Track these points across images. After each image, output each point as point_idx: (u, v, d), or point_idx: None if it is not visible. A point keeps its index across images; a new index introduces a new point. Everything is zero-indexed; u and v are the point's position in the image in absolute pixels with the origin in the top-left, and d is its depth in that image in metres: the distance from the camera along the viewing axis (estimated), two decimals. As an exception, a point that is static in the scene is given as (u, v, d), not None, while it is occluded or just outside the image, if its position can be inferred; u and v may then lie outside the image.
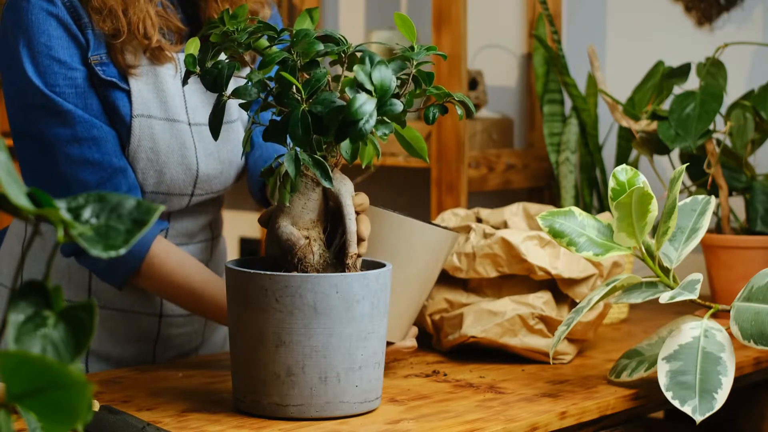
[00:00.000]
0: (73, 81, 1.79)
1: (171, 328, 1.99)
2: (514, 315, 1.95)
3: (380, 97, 1.54)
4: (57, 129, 1.78)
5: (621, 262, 2.05)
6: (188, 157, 1.86)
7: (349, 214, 1.64)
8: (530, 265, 1.98)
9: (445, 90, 1.62)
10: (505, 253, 1.99)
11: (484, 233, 2.02)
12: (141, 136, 1.82)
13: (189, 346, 2.03)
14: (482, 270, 2.00)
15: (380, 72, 1.55)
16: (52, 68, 1.78)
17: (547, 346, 1.96)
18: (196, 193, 1.90)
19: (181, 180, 1.87)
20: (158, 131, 1.84)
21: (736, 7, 2.78)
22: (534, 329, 1.96)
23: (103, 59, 1.81)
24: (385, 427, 1.60)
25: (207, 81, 1.60)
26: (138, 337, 1.96)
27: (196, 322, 2.02)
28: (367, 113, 1.52)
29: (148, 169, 1.84)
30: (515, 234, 1.99)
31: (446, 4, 2.67)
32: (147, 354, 1.98)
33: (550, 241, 1.98)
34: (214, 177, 1.91)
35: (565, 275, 1.98)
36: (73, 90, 1.79)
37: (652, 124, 2.38)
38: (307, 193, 1.65)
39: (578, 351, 2.05)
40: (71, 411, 0.83)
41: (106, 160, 1.80)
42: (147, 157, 1.84)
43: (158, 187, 1.86)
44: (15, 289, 0.90)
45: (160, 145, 1.84)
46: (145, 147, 1.83)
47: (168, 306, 1.97)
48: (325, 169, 1.56)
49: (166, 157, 1.85)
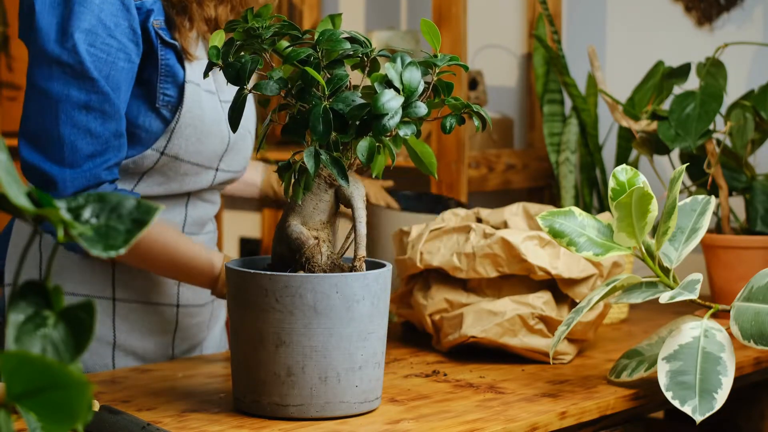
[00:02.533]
0: (108, 47, 1.81)
1: (187, 318, 2.02)
2: (514, 315, 1.95)
3: (407, 97, 1.56)
4: (73, 91, 1.80)
5: (621, 262, 2.05)
6: (223, 130, 1.93)
7: (360, 217, 1.64)
8: (530, 265, 1.97)
9: (463, 101, 1.64)
10: (505, 253, 1.98)
11: (484, 233, 2.02)
12: (191, 102, 1.88)
13: (199, 337, 2.06)
14: (482, 270, 2.00)
15: (410, 72, 1.57)
16: (96, 30, 1.80)
17: (547, 346, 1.95)
18: (220, 167, 1.96)
19: (214, 152, 1.93)
20: (204, 100, 1.90)
21: (736, 7, 2.78)
22: (534, 329, 1.96)
23: (163, 25, 1.87)
24: (385, 427, 1.60)
25: (229, 74, 1.61)
26: (159, 329, 1.99)
27: (206, 312, 2.05)
28: (392, 109, 1.54)
29: (191, 136, 1.90)
30: (515, 234, 1.99)
31: (446, 4, 2.68)
32: (167, 347, 2.01)
33: (550, 241, 1.98)
34: (237, 154, 1.98)
35: (565, 275, 1.97)
36: (105, 56, 1.81)
37: (652, 124, 2.38)
38: (320, 194, 1.65)
39: (578, 351, 2.05)
40: (71, 411, 0.83)
41: (105, 136, 1.82)
42: (193, 124, 1.89)
43: (196, 156, 1.92)
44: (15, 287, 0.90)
45: (205, 114, 1.90)
46: (193, 114, 1.89)
47: (184, 295, 2.00)
48: (343, 168, 1.57)
49: (208, 127, 1.91)
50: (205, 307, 2.04)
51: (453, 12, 2.67)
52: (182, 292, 2.00)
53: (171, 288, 1.98)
